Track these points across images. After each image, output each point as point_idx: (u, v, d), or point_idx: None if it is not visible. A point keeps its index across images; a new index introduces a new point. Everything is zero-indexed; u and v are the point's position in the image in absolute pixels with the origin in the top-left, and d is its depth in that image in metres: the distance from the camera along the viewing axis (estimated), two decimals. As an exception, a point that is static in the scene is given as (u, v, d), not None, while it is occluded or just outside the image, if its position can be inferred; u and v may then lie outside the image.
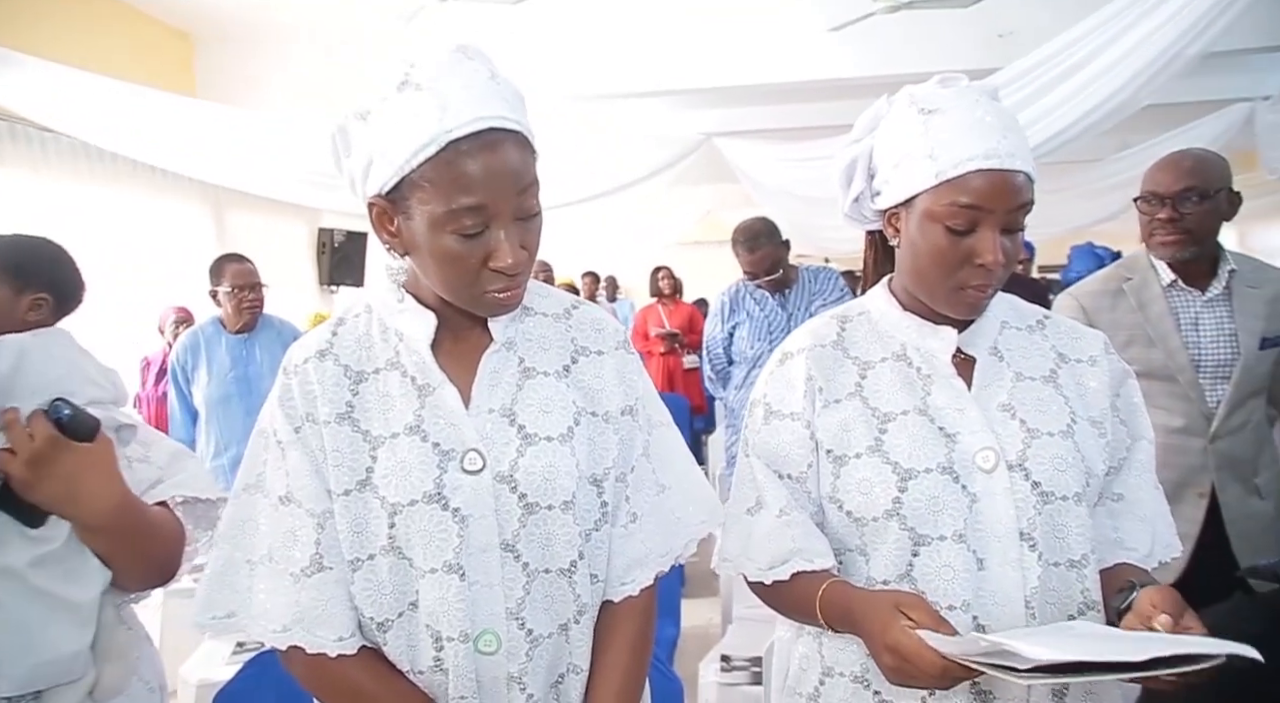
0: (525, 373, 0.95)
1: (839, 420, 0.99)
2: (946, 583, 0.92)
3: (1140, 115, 7.38)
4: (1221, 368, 1.72)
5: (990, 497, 0.93)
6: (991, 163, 0.90)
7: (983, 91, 0.98)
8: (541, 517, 0.90)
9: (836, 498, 0.98)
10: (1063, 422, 0.97)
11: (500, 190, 0.83)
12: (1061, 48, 4.36)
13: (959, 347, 1.00)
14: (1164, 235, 1.70)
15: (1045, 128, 4.58)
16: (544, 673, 0.91)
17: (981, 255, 0.92)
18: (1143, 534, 0.99)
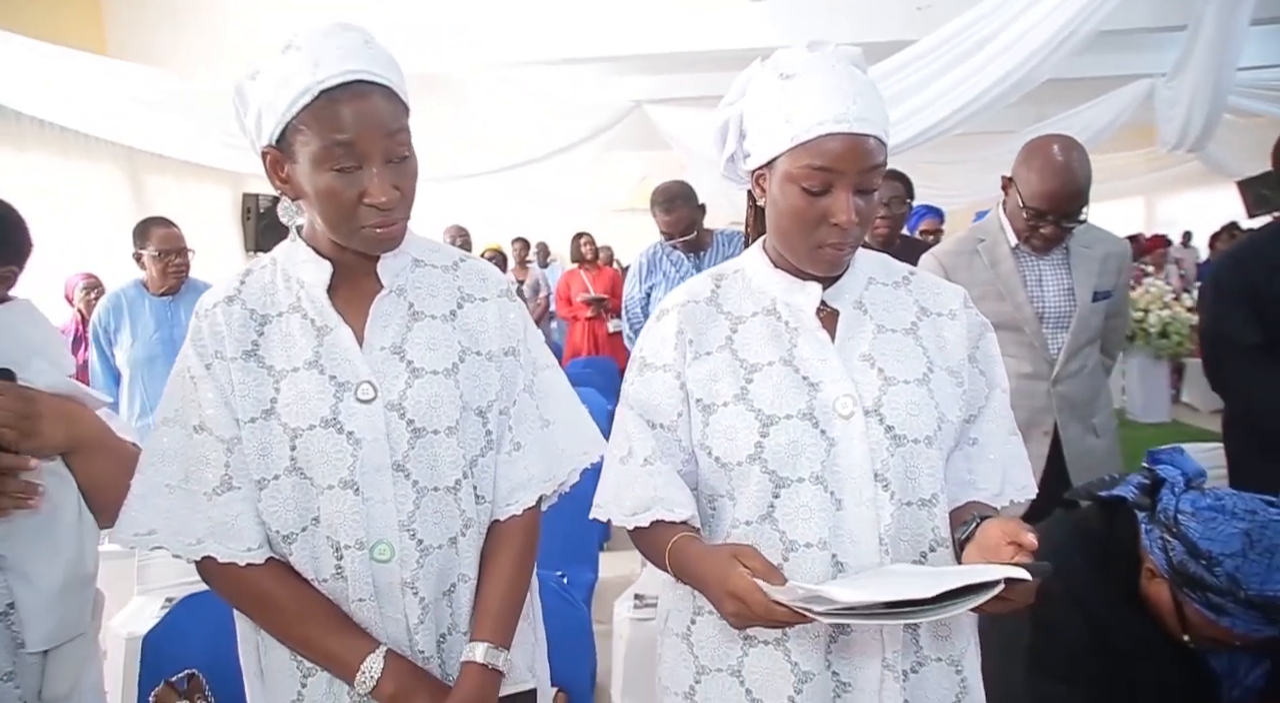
0: (414, 316, 1.04)
1: (708, 371, 1.03)
2: (805, 522, 0.97)
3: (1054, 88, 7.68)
4: (1062, 319, 1.89)
5: (847, 441, 0.97)
6: (842, 127, 0.93)
7: (841, 58, 1.00)
8: (428, 440, 0.99)
9: (706, 445, 1.02)
10: (919, 370, 1.02)
11: (369, 132, 0.92)
12: (971, 22, 4.53)
13: (825, 301, 1.04)
14: (1042, 241, 1.87)
15: (958, 97, 4.77)
16: (435, 581, 1.00)
17: (836, 215, 0.95)
18: (993, 475, 1.04)
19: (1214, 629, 1.15)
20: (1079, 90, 7.25)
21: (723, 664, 1.04)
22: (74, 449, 1.07)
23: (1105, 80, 6.86)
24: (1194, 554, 1.14)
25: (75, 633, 1.08)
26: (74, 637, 1.09)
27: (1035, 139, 1.88)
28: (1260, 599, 1.09)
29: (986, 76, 4.60)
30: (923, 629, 1.01)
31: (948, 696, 1.02)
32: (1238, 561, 1.10)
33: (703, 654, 1.06)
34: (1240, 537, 1.11)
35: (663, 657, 1.12)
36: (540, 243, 8.37)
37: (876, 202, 1.01)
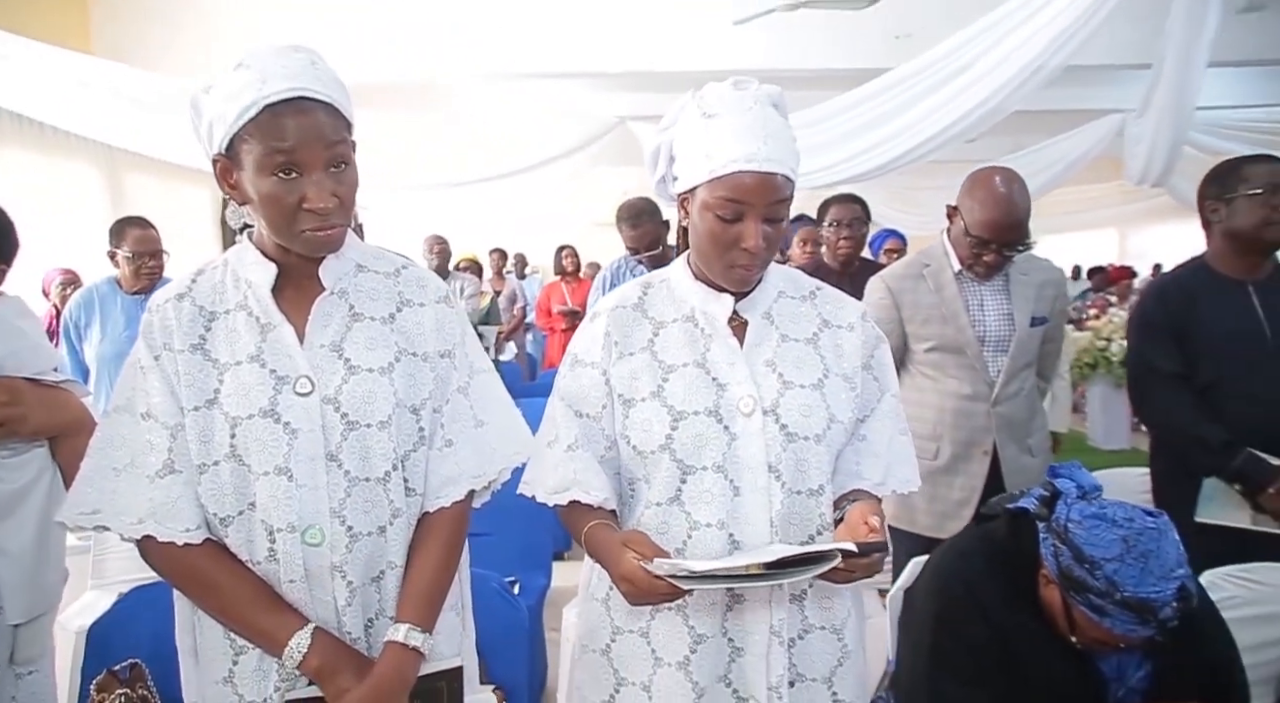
0: (354, 317, 1.11)
1: (630, 370, 1.15)
2: (707, 506, 1.09)
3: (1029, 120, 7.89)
4: (1001, 343, 1.97)
5: (747, 436, 1.10)
6: (753, 165, 1.05)
7: (761, 98, 1.11)
8: (361, 433, 1.06)
9: (625, 435, 1.15)
10: (815, 376, 1.14)
11: (309, 143, 1.00)
12: (946, 52, 4.66)
13: (737, 311, 1.16)
14: (985, 268, 1.97)
15: (933, 124, 4.90)
16: (363, 566, 1.08)
17: (745, 241, 1.08)
18: (878, 468, 1.17)
19: (1097, 630, 1.22)
20: (1054, 122, 7.42)
21: (634, 627, 1.16)
22: (60, 433, 1.13)
23: (1079, 113, 7.03)
24: (1079, 559, 1.22)
25: (50, 606, 1.14)
26: (49, 610, 1.15)
27: (978, 171, 1.97)
28: (1135, 601, 1.17)
29: (960, 105, 4.72)
30: (808, 600, 1.14)
31: (830, 660, 1.15)
32: (1116, 565, 1.19)
33: (617, 617, 1.18)
34: (1119, 543, 1.20)
35: (583, 619, 1.24)
36: (518, 254, 8.44)
37: (783, 228, 1.13)
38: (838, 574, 1.01)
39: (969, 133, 4.84)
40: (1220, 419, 1.87)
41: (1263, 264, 1.94)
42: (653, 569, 0.99)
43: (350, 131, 1.06)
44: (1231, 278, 1.94)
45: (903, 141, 5.02)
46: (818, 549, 0.99)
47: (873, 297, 2.05)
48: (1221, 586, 1.65)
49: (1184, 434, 1.92)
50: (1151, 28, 4.38)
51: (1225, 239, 1.95)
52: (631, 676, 1.16)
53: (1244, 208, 1.89)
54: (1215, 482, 1.90)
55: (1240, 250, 1.93)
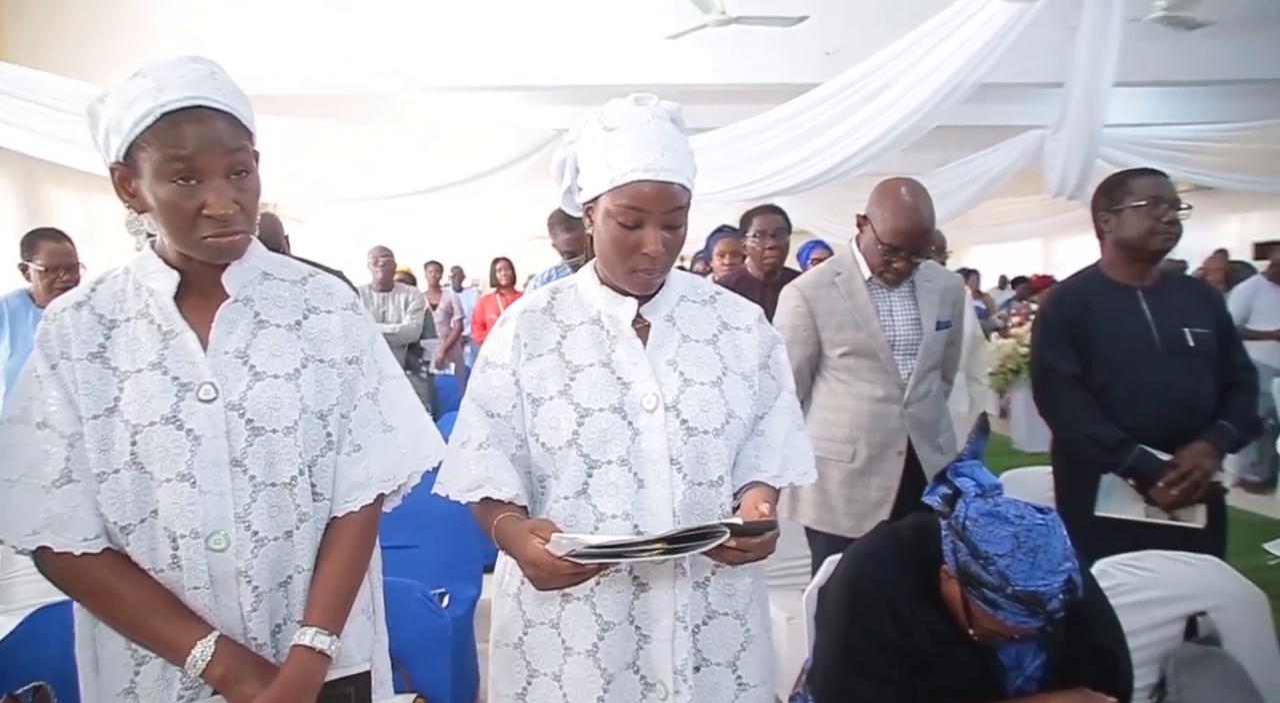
0: (260, 324, 1.12)
1: (538, 370, 1.20)
2: (612, 498, 1.14)
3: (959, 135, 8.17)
4: (910, 346, 2.06)
5: (650, 431, 1.15)
6: (650, 175, 1.11)
7: (660, 113, 1.17)
8: (266, 439, 1.07)
9: (535, 433, 1.19)
10: (714, 374, 1.20)
11: (208, 150, 1.01)
12: (870, 69, 4.81)
13: (641, 314, 1.22)
14: (894, 275, 2.05)
15: (860, 138, 5.05)
16: (269, 571, 1.08)
17: (645, 246, 1.13)
18: (774, 460, 1.23)
19: (992, 623, 1.28)
20: (981, 137, 7.70)
21: (544, 619, 1.19)
22: None
23: (1004, 129, 7.28)
24: (974, 555, 1.28)
25: None
26: None
27: (886, 181, 2.05)
28: (1025, 594, 1.23)
29: (885, 120, 4.88)
30: (710, 587, 1.19)
31: (734, 644, 1.20)
32: (1008, 560, 1.25)
33: (529, 610, 1.21)
34: (1010, 539, 1.26)
35: (497, 616, 1.26)
36: (455, 267, 8.40)
37: (681, 235, 1.18)
38: (730, 554, 1.07)
39: (895, 146, 4.99)
40: (1114, 418, 1.97)
41: (1150, 271, 2.05)
42: (551, 548, 1.03)
43: (251, 140, 1.07)
44: (1123, 284, 2.05)
45: (833, 155, 5.16)
46: (706, 526, 1.04)
47: (788, 305, 2.11)
48: (1113, 574, 1.74)
49: (1080, 433, 2.02)
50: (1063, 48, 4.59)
51: (1116, 248, 2.06)
52: (543, 667, 1.19)
53: (1131, 218, 2.01)
54: (1112, 478, 2.00)
55: (1129, 258, 2.04)
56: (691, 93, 6.40)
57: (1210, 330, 2.00)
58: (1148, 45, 5.37)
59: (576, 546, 1.02)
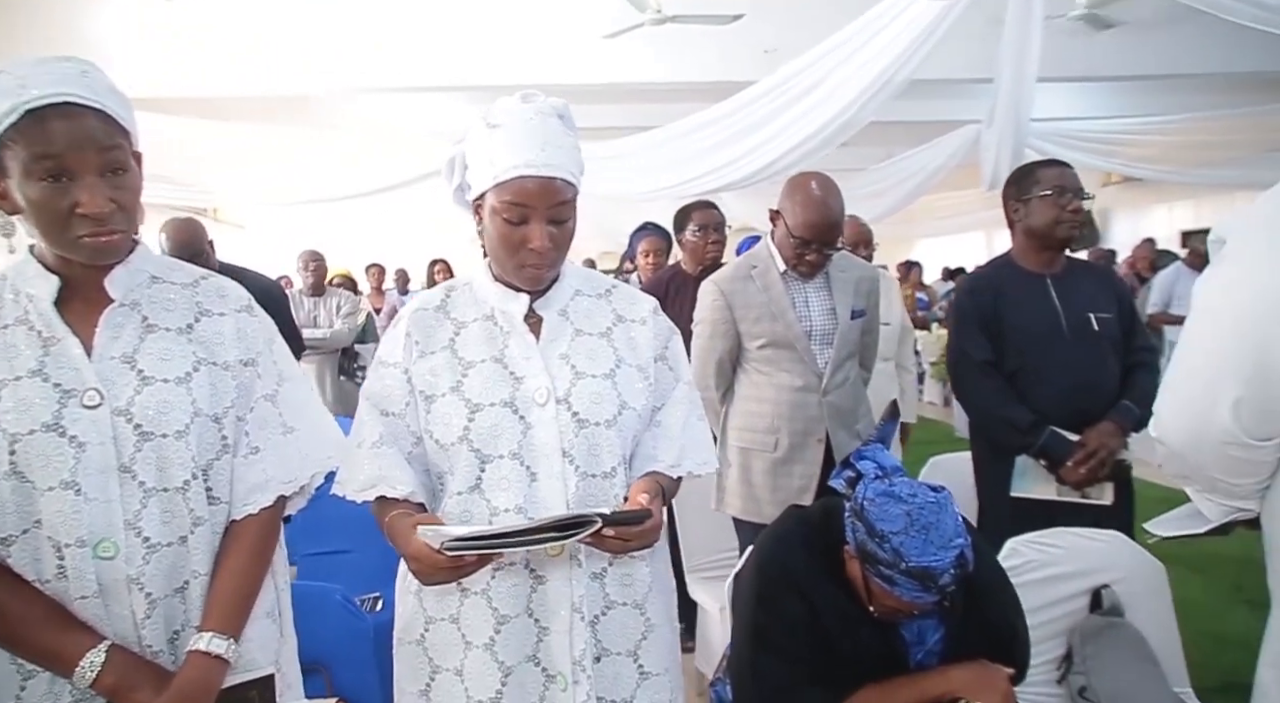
0: (148, 328, 1.11)
1: (430, 368, 1.20)
2: (505, 492, 1.15)
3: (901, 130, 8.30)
4: (827, 336, 2.09)
5: (541, 424, 1.16)
6: (532, 170, 1.11)
7: (545, 110, 1.17)
8: (156, 444, 1.06)
9: (428, 429, 1.18)
10: (607, 367, 1.21)
11: (78, 146, 0.99)
12: (804, 66, 4.88)
13: (534, 309, 1.22)
14: (808, 267, 2.10)
15: (795, 134, 5.12)
16: (164, 578, 1.07)
17: (531, 242, 1.14)
18: (671, 450, 1.23)
19: (889, 599, 1.32)
20: (923, 132, 7.85)
21: (444, 614, 1.19)
22: None
23: (944, 124, 7.41)
24: (871, 534, 1.32)
25: None
26: None
27: (796, 176, 2.09)
28: (918, 570, 1.27)
29: (819, 116, 4.96)
30: (608, 578, 1.20)
31: (634, 634, 1.21)
32: (901, 537, 1.29)
33: (429, 607, 1.21)
34: (903, 517, 1.30)
35: (400, 613, 1.27)
36: (400, 270, 8.31)
37: (570, 229, 1.19)
38: (610, 543, 1.08)
39: (830, 142, 5.07)
40: (1026, 401, 2.04)
41: (1059, 258, 2.13)
42: (434, 544, 1.03)
43: (129, 140, 1.06)
44: (1032, 272, 2.12)
45: (770, 150, 5.23)
46: (577, 515, 1.05)
47: (706, 299, 2.15)
48: (1022, 551, 1.80)
49: (994, 416, 2.08)
50: (994, 45, 4.69)
51: (1025, 236, 2.13)
52: (445, 662, 1.19)
53: (1038, 208, 2.08)
54: (1025, 459, 2.07)
55: (1038, 246, 2.11)
56: (633, 91, 6.43)
57: (1113, 315, 2.08)
58: (1072, 42, 5.53)
59: (442, 537, 1.02)
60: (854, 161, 9.42)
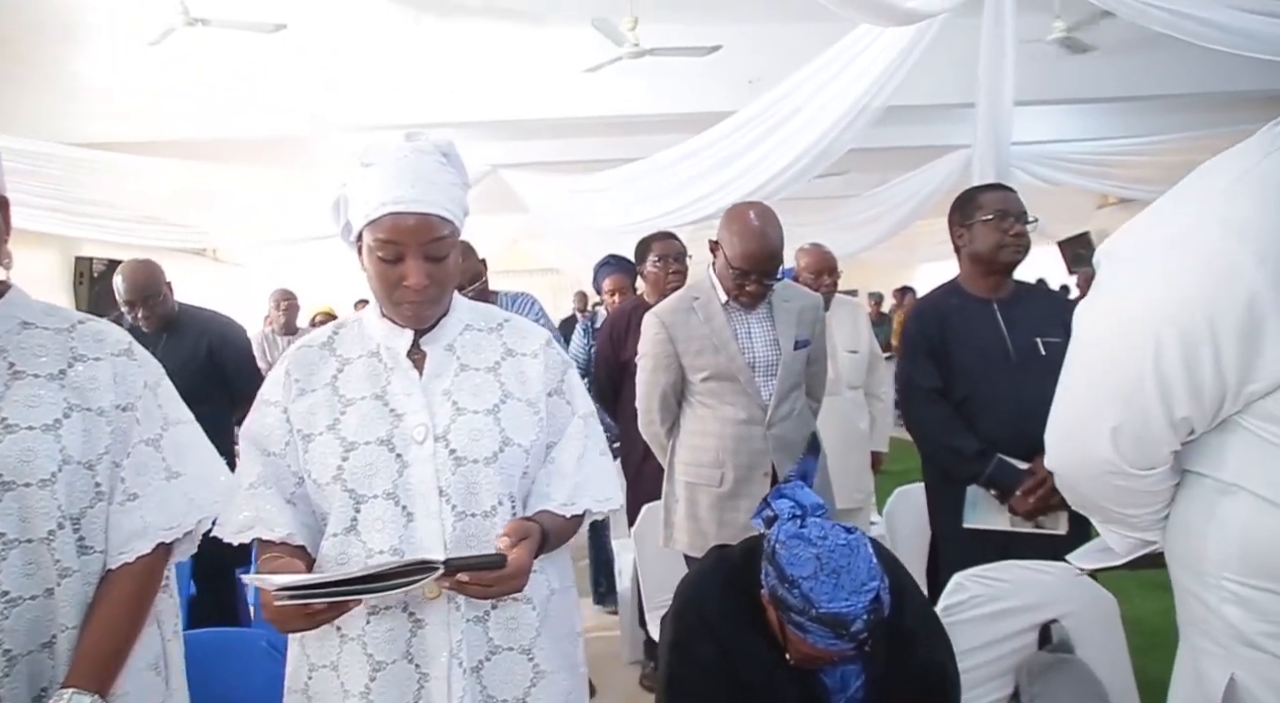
0: (15, 375, 1.09)
1: (308, 406, 1.19)
2: (380, 533, 1.12)
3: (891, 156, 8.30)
4: (770, 367, 2.06)
5: (418, 462, 1.14)
6: (401, 207, 1.10)
7: (419, 148, 1.17)
8: (18, 493, 1.03)
9: (307, 469, 1.17)
10: (491, 402, 1.19)
11: None
12: (783, 94, 4.90)
13: (420, 344, 1.21)
14: (748, 298, 2.07)
15: (776, 162, 5.13)
16: (25, 633, 1.04)
17: (407, 279, 1.13)
18: (564, 488, 1.21)
19: (804, 646, 1.27)
20: (918, 157, 7.87)
21: (325, 661, 1.17)
22: None
23: (940, 149, 7.41)
24: (781, 579, 1.27)
25: None
26: None
27: (734, 207, 2.07)
28: (829, 616, 1.22)
29: (798, 144, 4.96)
30: (490, 622, 1.16)
31: (522, 681, 1.18)
32: (811, 582, 1.24)
33: (312, 654, 1.19)
34: (813, 561, 1.25)
35: (288, 661, 1.24)
36: None
37: (451, 265, 1.18)
38: (470, 589, 1.06)
39: (811, 169, 5.08)
40: (974, 429, 1.99)
41: (1005, 283, 2.09)
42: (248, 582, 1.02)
43: None
44: (979, 297, 2.08)
45: (752, 178, 5.23)
46: (420, 560, 1.02)
47: (649, 332, 2.12)
48: (967, 586, 1.74)
49: (941, 445, 2.04)
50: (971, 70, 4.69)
51: (970, 261, 2.10)
52: None
53: (981, 232, 2.05)
54: (976, 489, 2.02)
55: (983, 271, 2.08)
56: (616, 123, 6.48)
57: (1061, 339, 2.03)
58: (1051, 65, 5.53)
59: (268, 585, 1.00)
60: (848, 188, 9.45)
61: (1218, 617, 0.95)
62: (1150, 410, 0.94)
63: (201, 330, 2.76)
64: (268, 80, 5.74)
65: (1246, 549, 0.91)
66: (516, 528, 1.12)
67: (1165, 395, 0.92)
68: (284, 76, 5.75)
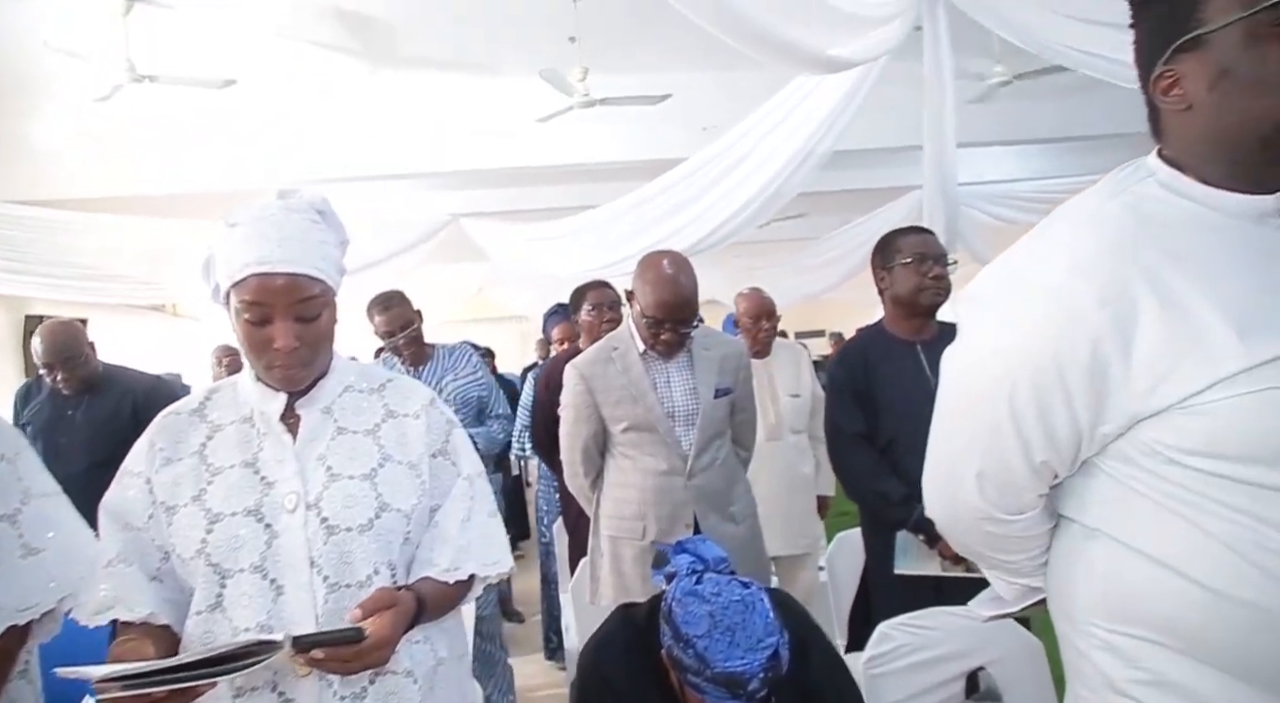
0: None
1: (173, 476, 1.14)
2: (246, 609, 1.07)
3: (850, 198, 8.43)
4: (690, 417, 2.02)
5: (288, 532, 1.10)
6: (265, 268, 1.08)
7: (288, 207, 1.14)
8: None
9: (171, 543, 1.12)
10: (368, 466, 1.15)
11: None
12: (733, 141, 4.97)
13: (294, 407, 1.17)
14: (665, 347, 2.04)
15: (726, 208, 5.19)
16: None
17: (275, 341, 1.10)
18: (447, 553, 1.17)
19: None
20: (876, 198, 8.01)
21: None
22: None
23: (896, 190, 7.55)
24: (677, 638, 1.23)
25: None
26: None
27: (648, 255, 2.06)
28: (723, 676, 1.18)
29: (748, 188, 5.02)
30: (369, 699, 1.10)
31: None
32: (705, 641, 1.20)
33: None
34: (706, 619, 1.21)
35: None
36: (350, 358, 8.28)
37: (324, 325, 1.15)
38: (329, 665, 1.01)
39: (761, 214, 5.14)
40: (901, 472, 1.97)
41: (928, 325, 2.09)
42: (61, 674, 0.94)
43: None
44: (903, 339, 2.08)
45: (704, 224, 5.28)
46: (260, 640, 0.97)
47: (568, 384, 2.09)
48: (892, 636, 1.71)
49: (867, 490, 2.01)
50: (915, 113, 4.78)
51: (893, 304, 2.10)
52: None
53: (901, 275, 2.06)
54: (906, 534, 1.99)
55: (906, 314, 2.08)
56: (572, 171, 6.54)
57: None
58: (994, 107, 5.66)
59: (86, 676, 0.93)
60: (810, 230, 9.58)
61: (1089, 663, 0.92)
62: (1010, 456, 0.92)
63: (125, 390, 2.69)
64: (223, 135, 5.75)
65: (1110, 595, 0.89)
66: (377, 599, 1.06)
67: (1023, 440, 0.91)
68: (238, 131, 5.76)
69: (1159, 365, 0.82)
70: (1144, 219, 0.87)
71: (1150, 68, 0.91)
